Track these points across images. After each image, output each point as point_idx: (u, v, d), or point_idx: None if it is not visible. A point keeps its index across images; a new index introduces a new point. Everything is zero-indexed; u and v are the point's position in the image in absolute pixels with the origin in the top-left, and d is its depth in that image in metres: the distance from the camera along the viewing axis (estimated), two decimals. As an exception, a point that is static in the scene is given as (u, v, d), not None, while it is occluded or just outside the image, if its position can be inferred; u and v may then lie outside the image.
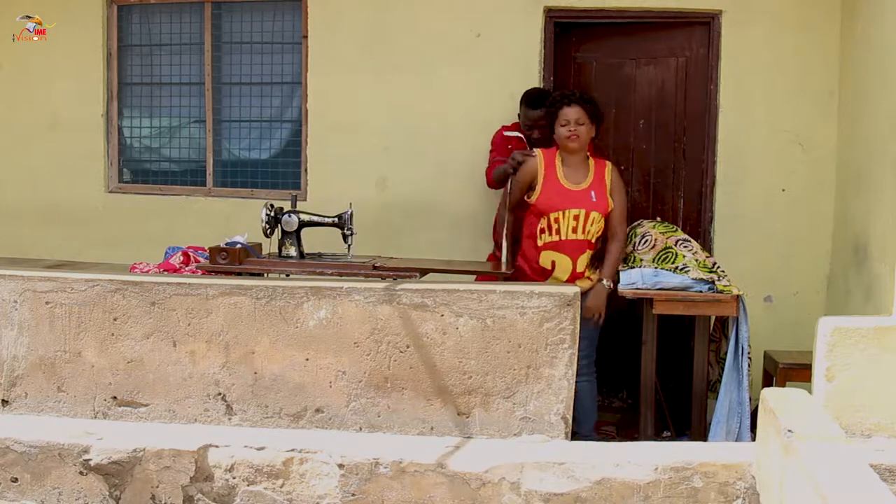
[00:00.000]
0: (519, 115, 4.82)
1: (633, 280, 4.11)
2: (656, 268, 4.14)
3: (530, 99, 4.74)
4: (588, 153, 4.29)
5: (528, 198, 4.24)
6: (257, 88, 5.76)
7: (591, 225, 4.17)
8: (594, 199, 4.17)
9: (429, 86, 5.38)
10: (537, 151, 4.29)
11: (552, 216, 4.17)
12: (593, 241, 4.22)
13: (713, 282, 4.03)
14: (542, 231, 4.21)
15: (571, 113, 4.17)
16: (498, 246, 4.46)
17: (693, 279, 4.05)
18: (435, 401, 3.52)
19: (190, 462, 3.39)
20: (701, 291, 4.03)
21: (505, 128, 4.89)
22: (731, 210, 5.13)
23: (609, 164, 4.30)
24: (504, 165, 4.46)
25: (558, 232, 4.17)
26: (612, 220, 4.25)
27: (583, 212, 4.16)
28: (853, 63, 4.71)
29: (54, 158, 5.87)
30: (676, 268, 4.11)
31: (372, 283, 3.70)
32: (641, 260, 4.20)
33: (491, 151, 4.86)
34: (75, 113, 5.84)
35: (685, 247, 4.23)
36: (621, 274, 4.19)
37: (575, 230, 4.16)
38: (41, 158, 5.90)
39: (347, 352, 3.55)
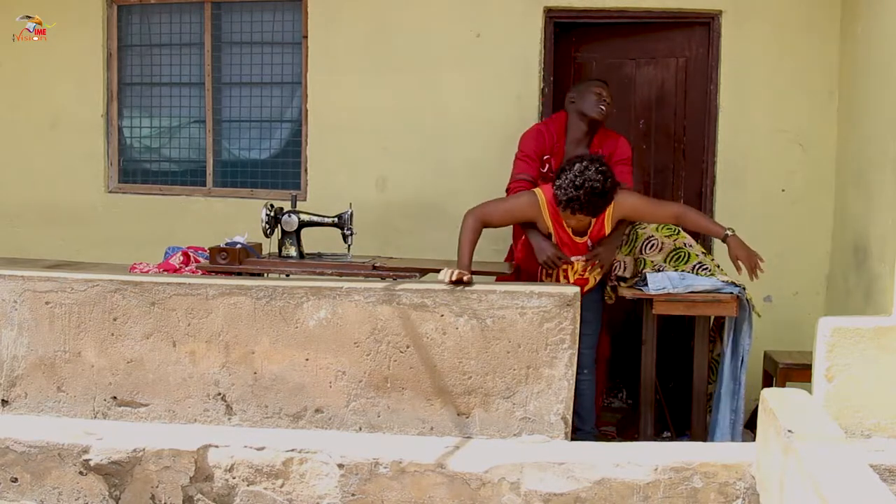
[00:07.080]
0: (572, 98, 4.37)
1: (663, 284, 4.03)
2: (675, 269, 4.08)
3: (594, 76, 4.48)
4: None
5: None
6: (257, 88, 5.76)
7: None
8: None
9: (429, 86, 5.38)
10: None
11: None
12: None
13: (738, 285, 3.99)
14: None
15: None
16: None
17: (723, 282, 4.00)
18: (435, 401, 3.52)
19: (190, 462, 3.39)
20: (731, 293, 3.99)
21: (538, 125, 4.51)
22: (731, 210, 5.12)
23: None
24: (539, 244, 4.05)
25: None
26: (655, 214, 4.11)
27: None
28: (853, 63, 4.71)
29: (54, 158, 5.87)
30: (693, 267, 4.07)
31: (372, 283, 3.70)
32: (652, 262, 4.14)
33: (517, 160, 4.39)
34: (75, 113, 5.84)
35: (690, 248, 4.21)
36: (648, 277, 4.10)
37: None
38: (41, 158, 5.89)
39: (347, 352, 3.54)
